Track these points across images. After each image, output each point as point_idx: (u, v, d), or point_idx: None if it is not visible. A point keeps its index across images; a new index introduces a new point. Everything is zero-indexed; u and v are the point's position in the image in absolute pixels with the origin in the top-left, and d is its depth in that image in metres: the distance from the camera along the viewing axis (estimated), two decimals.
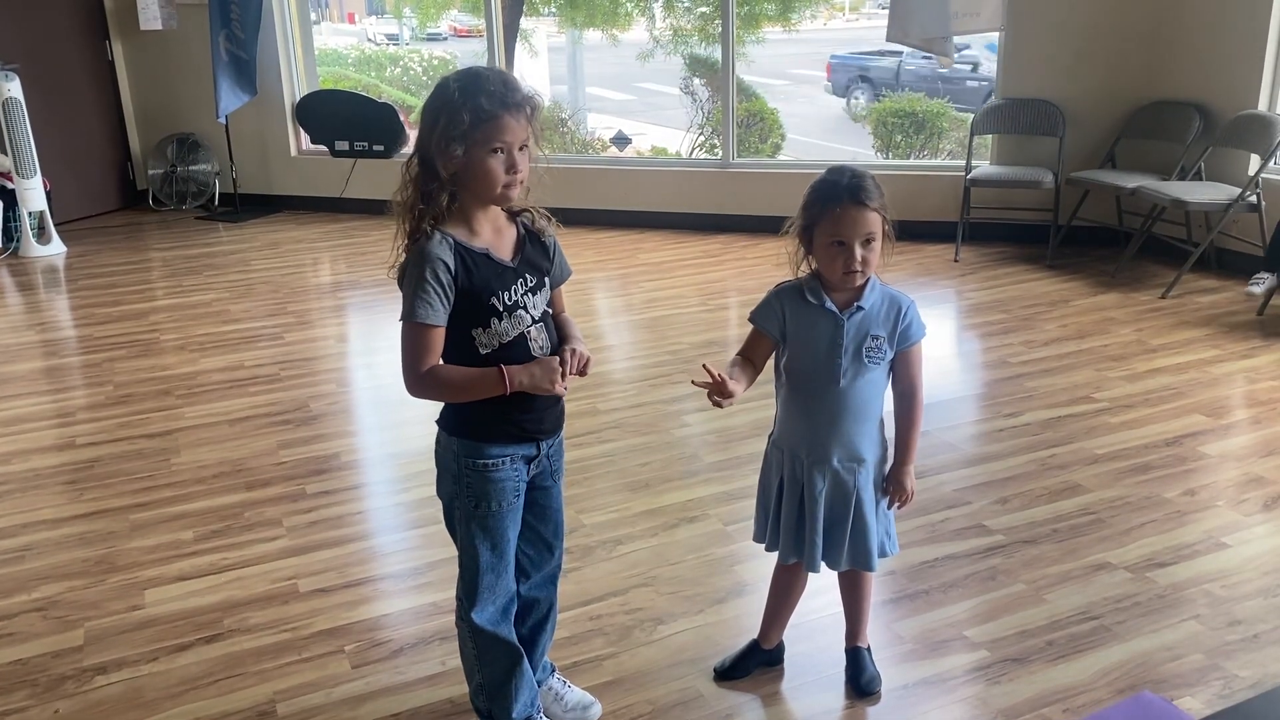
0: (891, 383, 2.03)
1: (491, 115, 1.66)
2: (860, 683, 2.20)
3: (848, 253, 1.89)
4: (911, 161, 7.60)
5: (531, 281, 1.81)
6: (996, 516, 2.93)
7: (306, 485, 3.20)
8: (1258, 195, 4.87)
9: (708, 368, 1.85)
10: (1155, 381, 3.88)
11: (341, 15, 17.99)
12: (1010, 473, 3.19)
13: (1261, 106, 5.06)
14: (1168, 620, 2.43)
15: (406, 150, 1.76)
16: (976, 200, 5.74)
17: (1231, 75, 5.17)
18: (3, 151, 6.09)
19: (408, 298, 1.72)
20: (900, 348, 1.99)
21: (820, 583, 2.26)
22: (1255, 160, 4.94)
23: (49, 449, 3.54)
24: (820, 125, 10.36)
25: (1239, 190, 4.86)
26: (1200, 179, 5.21)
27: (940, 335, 4.61)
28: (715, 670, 2.27)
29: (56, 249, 6.21)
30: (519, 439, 1.85)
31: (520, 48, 9.02)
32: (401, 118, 7.13)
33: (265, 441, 3.53)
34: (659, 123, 10.10)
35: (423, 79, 10.38)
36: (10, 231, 6.18)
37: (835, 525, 2.05)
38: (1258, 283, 4.57)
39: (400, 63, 11.39)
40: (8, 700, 2.24)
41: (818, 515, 2.03)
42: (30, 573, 2.74)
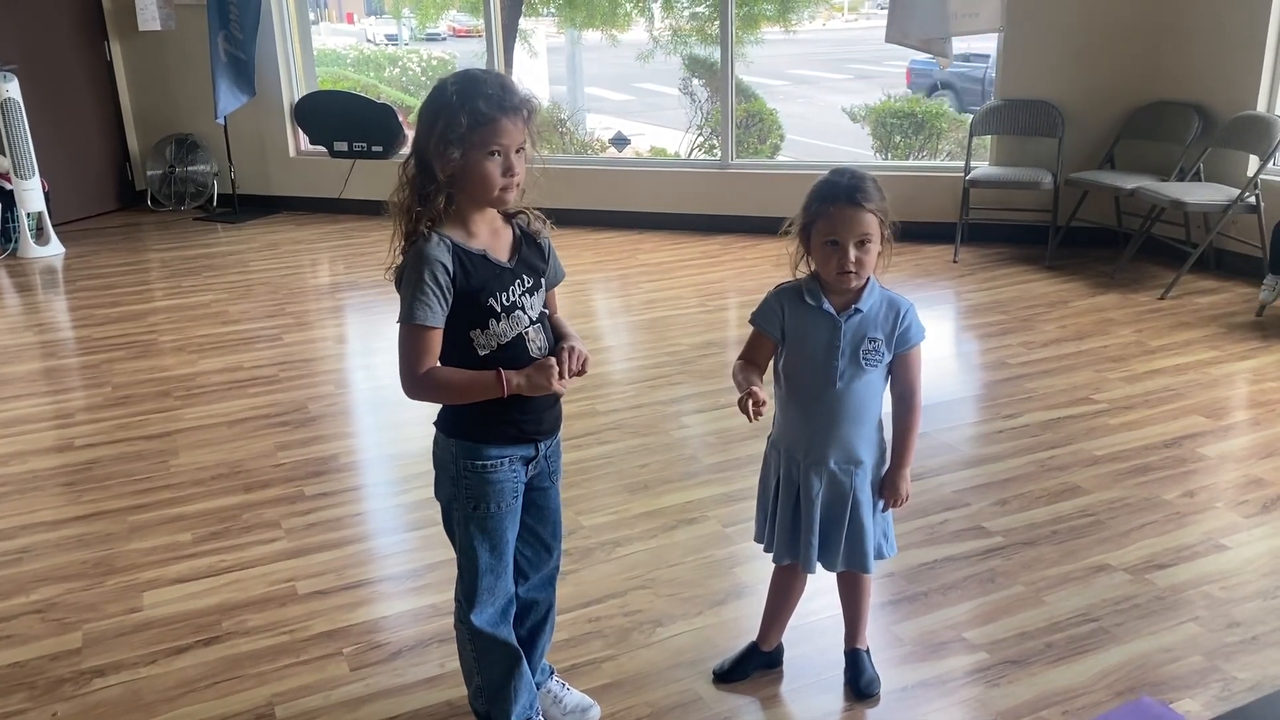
0: (890, 385, 2.03)
1: (489, 118, 1.67)
2: (859, 685, 2.20)
3: (841, 253, 1.89)
4: (910, 162, 7.60)
5: (529, 283, 1.82)
6: (995, 518, 2.93)
7: (305, 487, 3.20)
8: (1256, 196, 4.86)
9: (754, 397, 1.87)
10: (1154, 383, 3.88)
11: (340, 15, 18.01)
12: (1009, 474, 3.19)
13: (1260, 107, 5.06)
14: (1167, 622, 2.43)
15: (405, 151, 1.76)
16: (975, 201, 5.73)
17: (1230, 76, 5.18)
18: (1, 152, 6.09)
19: (405, 300, 1.72)
20: (898, 351, 1.98)
21: (819, 585, 2.26)
22: (1254, 161, 4.94)
23: (47, 450, 3.53)
24: (821, 126, 10.35)
25: (1238, 191, 4.86)
26: (1199, 180, 5.21)
27: (939, 336, 4.60)
28: (714, 672, 2.27)
29: (55, 250, 6.20)
30: (517, 440, 1.85)
31: (519, 48, 9.02)
32: (400, 118, 7.12)
33: (264, 443, 3.53)
34: (658, 123, 10.10)
35: (421, 79, 10.39)
36: (9, 232, 6.18)
37: (831, 526, 2.05)
38: (1268, 288, 4.55)
39: (399, 63, 11.40)
40: (6, 703, 2.23)
41: (813, 516, 2.03)
42: (28, 575, 2.74)
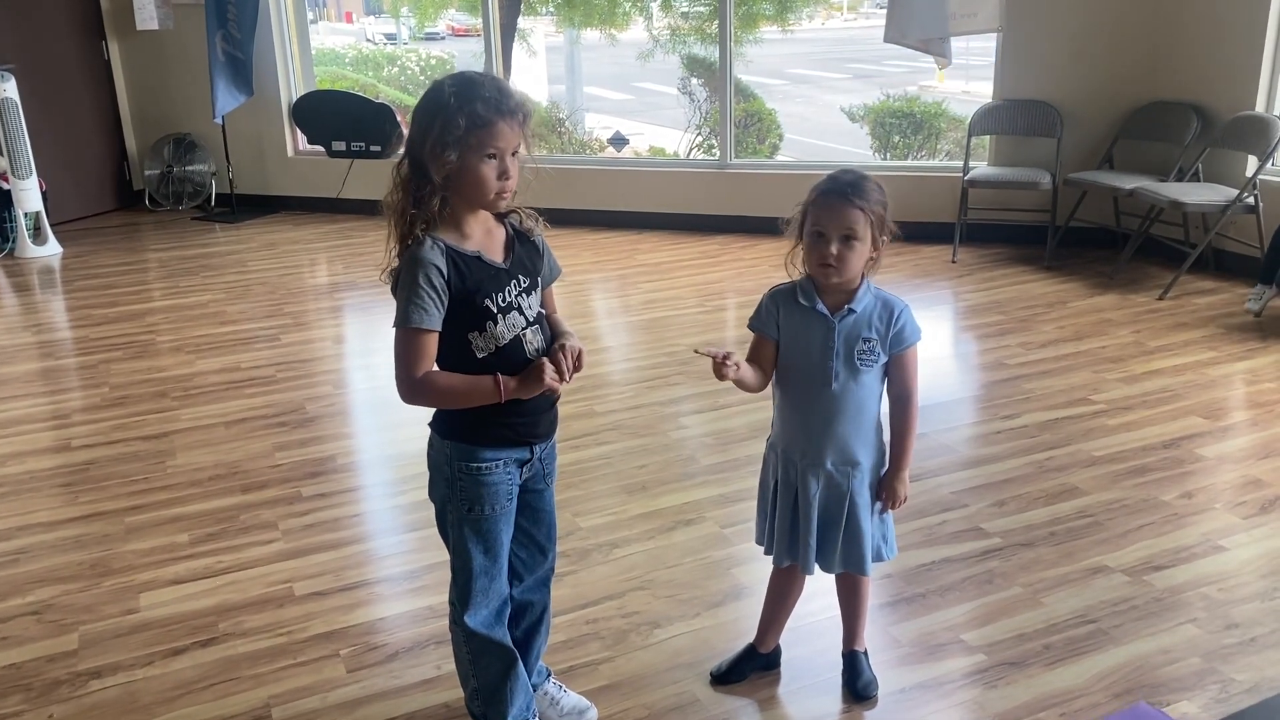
0: (886, 387, 2.03)
1: (487, 121, 1.67)
2: (857, 687, 2.20)
3: (824, 244, 1.90)
4: (909, 162, 7.60)
5: (525, 282, 1.81)
6: (993, 519, 2.92)
7: (302, 488, 3.20)
8: (1255, 196, 4.86)
9: (701, 351, 1.88)
10: (1153, 383, 3.88)
11: (339, 14, 17.99)
12: (1007, 475, 3.19)
13: (1259, 107, 5.06)
14: (1165, 624, 2.42)
15: (402, 151, 1.77)
16: (974, 201, 5.73)
17: (1229, 76, 5.17)
18: None
19: (401, 304, 1.72)
20: (894, 351, 1.98)
21: (817, 586, 2.26)
22: (1253, 161, 4.94)
23: (45, 451, 3.53)
24: (820, 126, 10.34)
25: (1237, 191, 4.86)
26: (1198, 180, 5.21)
27: (938, 337, 4.60)
28: (712, 674, 2.26)
29: (52, 250, 6.20)
30: (513, 443, 1.85)
31: (518, 47, 9.01)
32: (398, 118, 7.12)
33: (261, 444, 3.52)
34: (657, 123, 10.10)
35: (420, 79, 10.37)
36: (6, 232, 6.17)
37: (829, 528, 2.05)
38: (1254, 299, 4.57)
39: (398, 62, 11.38)
40: (2, 705, 2.23)
41: (811, 517, 2.03)
42: (25, 576, 2.73)
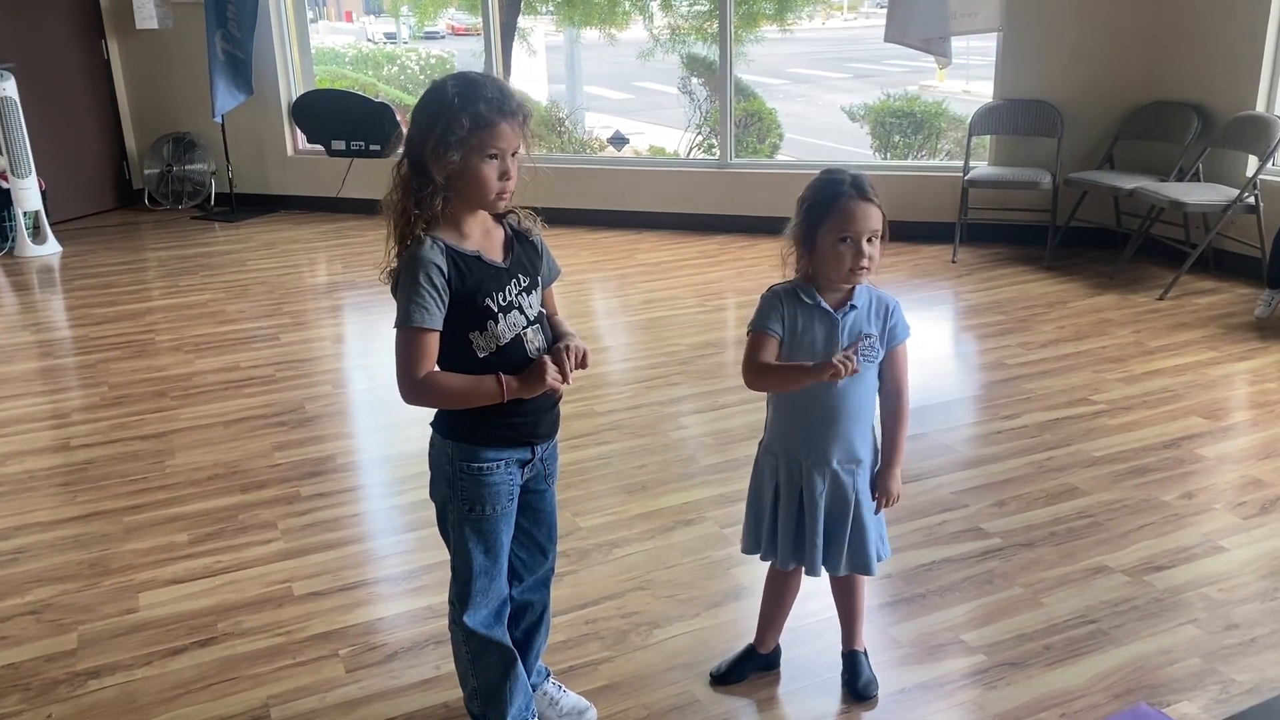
0: (879, 383, 2.02)
1: (490, 122, 1.67)
2: (857, 687, 2.19)
3: (855, 249, 1.87)
4: (909, 162, 7.60)
5: (525, 282, 1.81)
6: (993, 519, 2.92)
7: (301, 488, 3.19)
8: (1256, 196, 4.86)
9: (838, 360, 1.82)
10: (1153, 383, 3.87)
11: (339, 14, 17.97)
12: (1007, 475, 3.18)
13: (1260, 107, 5.05)
14: (1165, 624, 2.42)
15: (402, 151, 1.76)
16: (974, 201, 5.73)
17: (1230, 76, 5.17)
18: None
19: (401, 304, 1.71)
20: (888, 347, 1.99)
21: (816, 587, 2.26)
22: (1253, 161, 4.94)
23: (43, 450, 3.52)
24: (820, 125, 10.34)
25: (1237, 191, 4.86)
26: (1198, 180, 5.20)
27: (937, 337, 4.60)
28: (711, 675, 2.26)
29: (52, 249, 6.20)
30: (514, 443, 1.84)
31: (518, 46, 9.01)
32: (398, 117, 7.11)
33: (260, 443, 3.52)
34: (657, 122, 10.09)
35: (420, 78, 10.36)
36: (5, 231, 6.17)
37: (835, 528, 2.04)
38: (1263, 304, 4.55)
39: (398, 61, 11.37)
40: (0, 705, 2.22)
41: (818, 518, 2.02)
42: (24, 575, 2.73)
